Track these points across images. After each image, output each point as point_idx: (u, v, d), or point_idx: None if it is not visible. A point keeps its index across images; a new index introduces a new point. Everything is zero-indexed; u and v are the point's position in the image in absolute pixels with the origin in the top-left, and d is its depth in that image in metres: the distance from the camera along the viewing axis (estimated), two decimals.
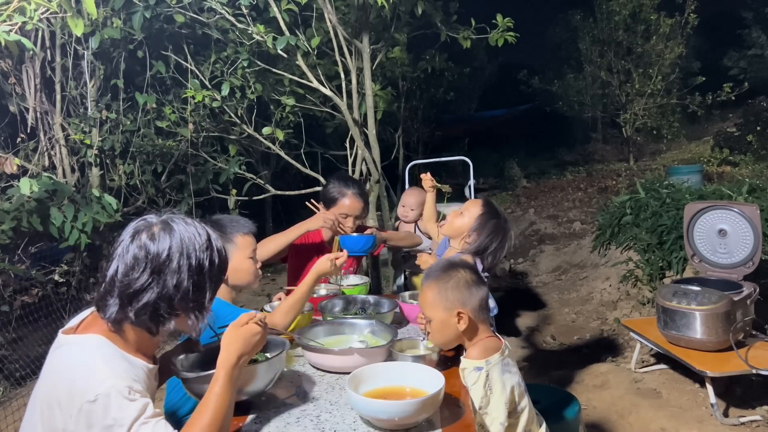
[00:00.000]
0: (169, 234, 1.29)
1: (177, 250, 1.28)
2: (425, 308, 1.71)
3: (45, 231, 3.70)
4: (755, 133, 10.84)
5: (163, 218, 1.33)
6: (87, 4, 2.37)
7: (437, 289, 1.67)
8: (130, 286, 1.25)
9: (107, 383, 1.17)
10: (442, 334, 1.69)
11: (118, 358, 1.26)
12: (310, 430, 1.42)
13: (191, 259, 1.29)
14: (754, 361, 3.03)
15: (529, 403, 1.70)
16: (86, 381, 1.18)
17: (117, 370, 1.22)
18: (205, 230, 1.36)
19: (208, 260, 1.32)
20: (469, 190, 4.66)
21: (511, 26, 4.30)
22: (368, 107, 4.25)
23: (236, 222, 2.12)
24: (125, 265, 1.26)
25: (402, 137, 10.00)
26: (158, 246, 1.27)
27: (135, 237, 1.29)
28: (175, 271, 1.27)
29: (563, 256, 6.86)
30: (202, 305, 1.33)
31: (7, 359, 3.94)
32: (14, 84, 4.30)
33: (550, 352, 4.42)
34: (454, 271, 1.69)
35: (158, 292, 1.26)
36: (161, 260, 1.26)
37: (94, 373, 1.19)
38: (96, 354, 1.24)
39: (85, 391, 1.16)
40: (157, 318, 1.29)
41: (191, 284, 1.28)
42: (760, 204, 3.98)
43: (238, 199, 4.94)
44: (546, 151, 16.38)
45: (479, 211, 2.30)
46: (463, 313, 1.64)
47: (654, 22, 12.37)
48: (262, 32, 4.00)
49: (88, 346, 1.26)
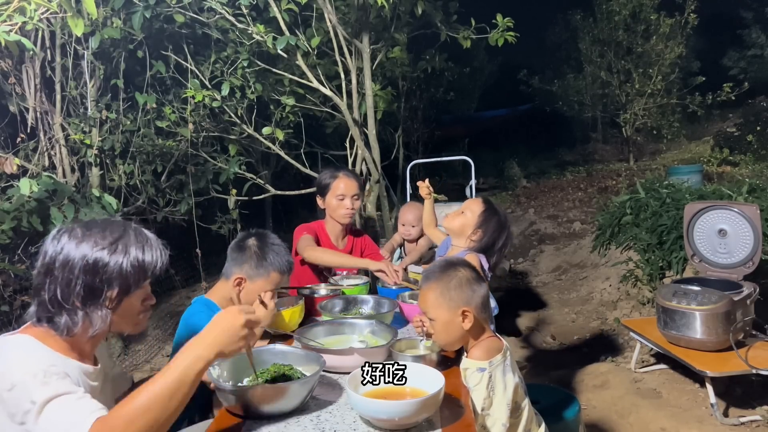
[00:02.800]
0: (69, 235, 1.32)
1: (71, 250, 1.30)
2: (427, 309, 1.69)
3: (45, 231, 3.69)
4: (755, 133, 10.84)
5: (83, 222, 1.37)
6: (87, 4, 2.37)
7: (440, 289, 1.66)
8: (34, 286, 1.33)
9: (22, 370, 1.19)
10: (447, 334, 1.68)
11: (41, 353, 1.27)
12: (310, 430, 1.42)
13: (86, 258, 1.29)
14: (754, 361, 3.03)
15: (528, 403, 1.70)
16: (3, 373, 1.20)
17: (34, 361, 1.23)
18: (121, 229, 1.36)
19: (108, 260, 1.31)
20: (470, 189, 4.66)
21: (511, 26, 4.31)
22: (368, 107, 4.25)
23: (280, 257, 2.09)
24: (35, 267, 1.34)
25: (402, 137, 9.99)
26: (55, 247, 1.31)
27: (47, 239, 1.35)
28: (64, 271, 1.29)
29: (563, 256, 6.86)
30: (100, 304, 1.31)
31: None
32: (14, 84, 4.29)
33: (550, 352, 4.42)
34: (454, 270, 1.68)
35: (52, 290, 1.29)
36: (51, 260, 1.30)
37: (9, 365, 1.21)
38: (15, 349, 1.27)
39: (3, 382, 1.19)
40: (51, 317, 1.30)
41: (83, 283, 1.29)
42: (760, 204, 3.98)
43: (238, 199, 4.94)
44: (546, 151, 16.38)
45: (481, 208, 2.29)
46: (468, 312, 1.63)
47: (654, 22, 12.38)
48: (262, 32, 4.01)
49: (11, 343, 1.29)
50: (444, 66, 9.14)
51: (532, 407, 1.75)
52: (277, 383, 1.51)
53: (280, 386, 1.46)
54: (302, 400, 1.49)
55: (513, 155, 14.83)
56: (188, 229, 4.80)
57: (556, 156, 16.04)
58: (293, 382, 1.50)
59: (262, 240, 2.12)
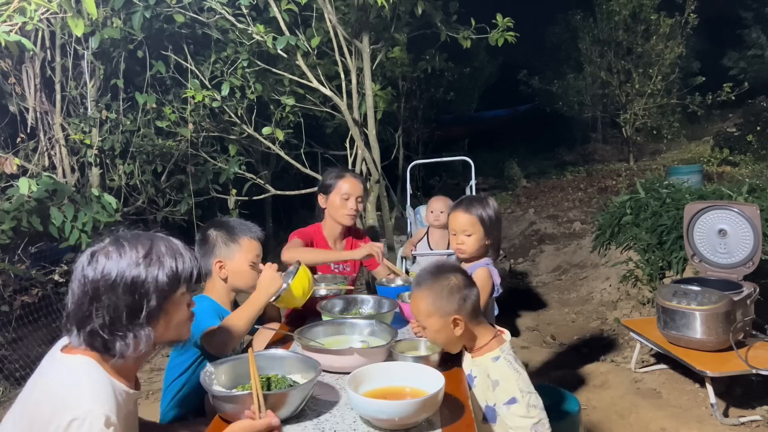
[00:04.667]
0: (106, 256, 1.28)
1: (112, 271, 1.26)
2: (419, 317, 1.69)
3: (45, 231, 3.70)
4: (755, 133, 10.83)
5: (111, 240, 1.32)
6: (87, 4, 2.37)
7: (431, 298, 1.65)
8: (77, 314, 1.27)
9: (85, 407, 1.17)
10: (441, 340, 1.70)
11: (103, 381, 1.25)
12: (310, 429, 1.42)
13: (125, 278, 1.26)
14: (754, 361, 3.03)
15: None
16: (68, 403, 1.17)
17: (100, 396, 1.21)
18: (149, 242, 1.33)
19: (145, 275, 1.28)
20: (470, 190, 4.65)
21: (511, 26, 4.31)
22: (368, 107, 4.26)
23: (245, 226, 2.13)
24: (73, 293, 1.28)
25: (402, 137, 9.99)
26: (96, 271, 1.26)
27: (81, 263, 1.29)
28: (110, 294, 1.25)
29: (563, 256, 6.86)
30: (138, 323, 1.29)
31: (7, 359, 3.94)
32: (14, 84, 4.30)
33: (550, 352, 4.41)
34: (444, 278, 1.66)
35: (101, 318, 1.25)
36: (97, 285, 1.26)
37: (76, 396, 1.19)
38: (82, 377, 1.23)
39: (64, 413, 1.16)
40: (106, 343, 1.27)
41: (125, 304, 1.26)
42: (760, 204, 3.98)
43: (238, 199, 4.94)
44: (546, 151, 16.36)
45: (473, 219, 2.22)
46: (459, 319, 1.64)
47: (654, 22, 12.36)
48: (262, 32, 4.01)
49: (76, 367, 1.26)
50: (444, 66, 9.15)
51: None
52: (269, 392, 1.48)
53: (273, 394, 1.44)
54: (295, 408, 1.46)
55: (513, 155, 14.81)
56: (188, 229, 4.80)
57: (556, 156, 16.02)
58: (288, 390, 1.46)
59: (219, 224, 2.14)
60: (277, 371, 1.61)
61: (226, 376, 1.57)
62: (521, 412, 1.58)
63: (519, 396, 1.59)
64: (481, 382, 1.69)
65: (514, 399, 1.59)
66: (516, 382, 1.61)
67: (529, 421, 1.58)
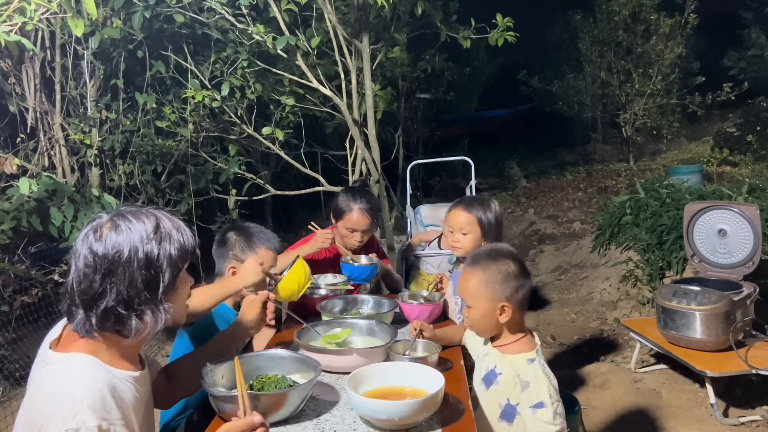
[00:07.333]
0: (114, 231, 1.23)
1: (124, 245, 1.21)
2: (467, 295, 1.66)
3: (45, 231, 3.70)
4: (755, 133, 10.83)
5: (112, 215, 1.27)
6: (87, 4, 2.37)
7: (484, 278, 1.62)
8: (86, 293, 1.21)
9: (78, 418, 1.13)
10: (482, 324, 1.66)
11: (99, 384, 1.20)
12: (310, 429, 1.42)
13: (138, 252, 1.22)
14: (754, 361, 3.03)
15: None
16: (62, 413, 1.14)
17: (95, 403, 1.16)
18: (153, 217, 1.28)
19: (157, 250, 1.25)
20: (470, 190, 4.65)
21: (511, 26, 4.31)
22: (368, 107, 4.25)
23: (264, 235, 2.16)
24: (78, 271, 1.22)
25: (402, 137, 9.99)
26: (105, 246, 1.21)
27: (84, 239, 1.23)
28: (126, 269, 1.21)
29: (563, 256, 6.85)
30: (156, 299, 1.26)
31: (7, 359, 3.94)
32: (14, 84, 4.30)
33: (550, 352, 4.41)
34: (503, 262, 1.63)
35: (115, 294, 1.21)
36: (110, 260, 1.20)
37: (69, 406, 1.15)
38: (75, 384, 1.18)
39: (57, 424, 1.13)
40: (121, 321, 1.23)
41: (143, 279, 1.23)
42: (760, 204, 3.98)
43: (238, 199, 4.94)
44: (546, 151, 16.36)
45: (472, 218, 2.23)
46: (507, 307, 1.61)
47: (654, 22, 12.36)
48: (262, 32, 4.01)
49: (73, 368, 1.21)
50: (444, 66, 9.14)
51: None
52: (268, 392, 1.48)
53: (272, 394, 1.44)
54: (295, 408, 1.46)
55: (513, 155, 14.82)
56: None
57: (555, 156, 16.01)
58: (287, 390, 1.46)
59: (240, 228, 2.16)
60: (277, 371, 1.61)
61: (226, 376, 1.57)
62: (547, 417, 1.55)
63: (548, 402, 1.55)
64: (507, 380, 1.64)
65: (542, 404, 1.55)
66: (547, 388, 1.57)
67: (553, 428, 1.55)
